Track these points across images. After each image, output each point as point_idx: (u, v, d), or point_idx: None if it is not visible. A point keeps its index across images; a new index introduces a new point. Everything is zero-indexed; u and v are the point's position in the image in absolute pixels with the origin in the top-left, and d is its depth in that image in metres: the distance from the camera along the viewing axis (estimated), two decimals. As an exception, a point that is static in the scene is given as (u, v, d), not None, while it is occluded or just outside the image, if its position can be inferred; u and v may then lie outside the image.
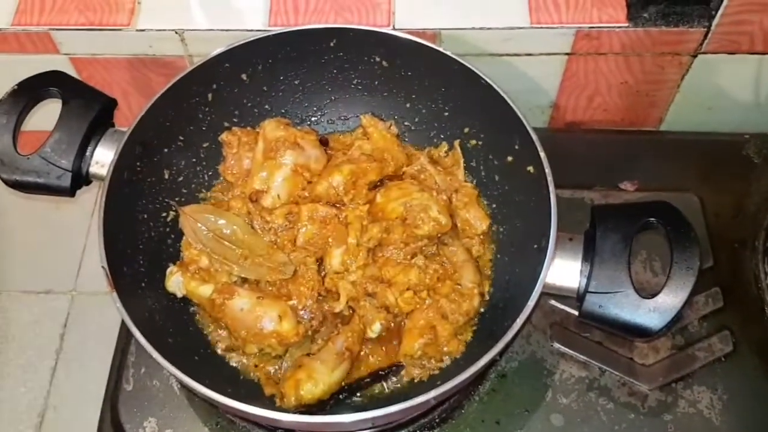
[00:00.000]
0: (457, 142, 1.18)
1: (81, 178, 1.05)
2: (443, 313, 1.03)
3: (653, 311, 0.90)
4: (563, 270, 0.95)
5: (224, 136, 1.15)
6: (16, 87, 1.05)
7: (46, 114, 1.08)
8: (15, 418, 1.38)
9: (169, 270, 1.08)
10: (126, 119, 1.10)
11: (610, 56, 1.24)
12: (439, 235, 1.09)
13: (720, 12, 1.16)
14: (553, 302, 1.17)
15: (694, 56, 1.24)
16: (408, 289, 1.05)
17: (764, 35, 1.20)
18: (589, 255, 0.94)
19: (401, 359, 1.03)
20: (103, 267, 0.94)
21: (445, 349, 1.03)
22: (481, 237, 1.12)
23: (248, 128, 1.17)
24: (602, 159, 1.32)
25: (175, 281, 1.07)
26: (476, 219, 1.12)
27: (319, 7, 1.22)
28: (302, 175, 1.11)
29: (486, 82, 1.07)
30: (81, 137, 1.04)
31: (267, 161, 1.10)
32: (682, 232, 0.93)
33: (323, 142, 1.16)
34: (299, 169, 1.11)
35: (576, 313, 1.13)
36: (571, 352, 1.13)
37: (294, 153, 1.10)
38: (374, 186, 1.14)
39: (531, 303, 0.92)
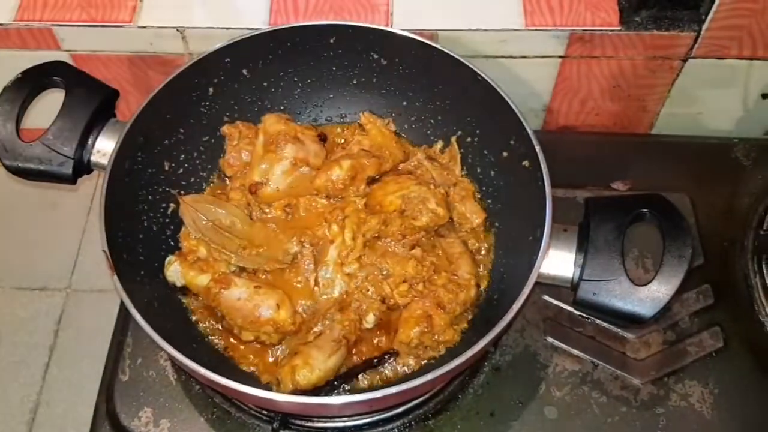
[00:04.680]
0: (454, 138, 1.20)
1: (82, 166, 1.06)
2: (440, 303, 1.04)
3: (646, 298, 0.92)
4: (558, 260, 0.96)
5: (225, 129, 1.17)
6: (20, 75, 1.06)
7: (47, 112, 1.09)
8: (7, 414, 1.38)
9: (168, 259, 1.09)
10: (124, 117, 1.11)
11: (602, 60, 1.27)
12: (436, 227, 1.10)
13: (709, 17, 1.19)
14: (546, 297, 1.18)
15: (685, 61, 1.27)
16: (404, 281, 1.06)
17: (752, 41, 1.24)
18: (584, 245, 0.96)
19: (397, 347, 1.04)
20: (103, 251, 0.94)
21: (441, 338, 1.04)
22: (477, 231, 1.14)
23: (249, 123, 1.19)
24: (595, 160, 1.34)
25: (174, 270, 1.08)
26: (472, 213, 1.14)
27: (318, 7, 1.25)
28: (301, 168, 1.13)
29: (482, 78, 1.09)
30: (83, 126, 1.05)
31: (267, 154, 1.12)
32: (674, 222, 0.95)
33: (322, 138, 1.18)
34: (298, 163, 1.12)
35: (569, 308, 1.16)
36: (564, 346, 1.15)
37: (294, 147, 1.12)
38: (371, 181, 1.16)
39: (526, 290, 0.93)
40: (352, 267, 1.07)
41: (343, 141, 1.22)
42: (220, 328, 1.08)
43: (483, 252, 1.14)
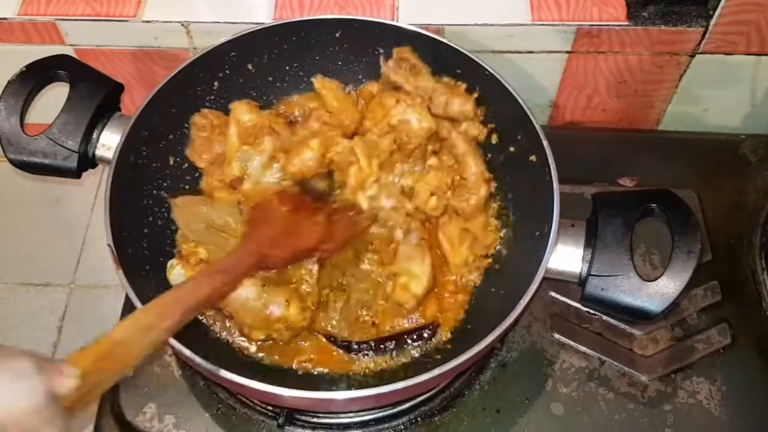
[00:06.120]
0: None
1: (87, 161, 1.06)
2: (463, 215, 1.08)
3: (655, 294, 0.91)
4: (566, 255, 0.96)
5: (195, 119, 1.13)
6: (24, 69, 1.06)
7: (51, 107, 1.09)
8: (10, 410, 1.37)
9: (170, 263, 1.07)
10: (129, 112, 1.10)
11: (609, 55, 1.26)
12: (430, 136, 1.10)
13: (717, 12, 1.19)
14: (553, 293, 1.18)
15: (692, 56, 1.26)
16: (432, 194, 1.08)
17: (760, 37, 1.23)
18: (591, 240, 0.96)
19: (454, 272, 1.08)
20: (108, 245, 0.94)
21: (486, 242, 1.09)
22: (475, 119, 1.13)
23: (219, 112, 1.16)
24: (601, 156, 1.34)
25: (177, 274, 1.06)
26: (460, 105, 1.11)
27: (324, 1, 1.24)
28: (280, 161, 1.11)
29: (489, 72, 1.09)
30: (88, 119, 1.05)
31: (245, 146, 1.09)
32: (682, 217, 0.94)
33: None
34: (277, 155, 1.10)
35: (576, 304, 1.15)
36: (571, 342, 1.14)
37: (272, 138, 1.10)
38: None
39: (534, 286, 0.92)
40: (373, 190, 1.07)
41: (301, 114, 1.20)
42: (226, 324, 1.07)
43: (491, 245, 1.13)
